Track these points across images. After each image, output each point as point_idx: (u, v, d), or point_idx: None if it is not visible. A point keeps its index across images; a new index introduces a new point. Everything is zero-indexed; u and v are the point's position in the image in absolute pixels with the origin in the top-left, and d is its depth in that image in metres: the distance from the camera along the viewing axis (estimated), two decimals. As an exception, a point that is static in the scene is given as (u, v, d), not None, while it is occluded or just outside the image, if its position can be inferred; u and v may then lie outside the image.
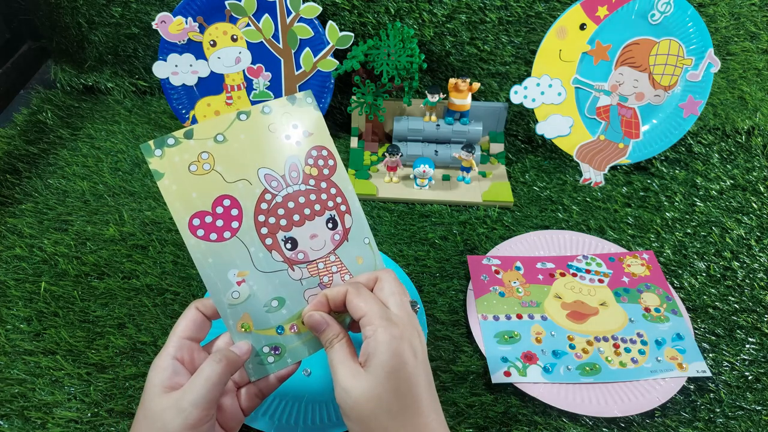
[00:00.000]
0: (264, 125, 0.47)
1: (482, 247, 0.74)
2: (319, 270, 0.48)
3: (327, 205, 0.48)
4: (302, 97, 0.49)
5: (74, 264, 0.69)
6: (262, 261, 0.46)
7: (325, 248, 0.48)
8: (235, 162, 0.46)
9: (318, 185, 0.48)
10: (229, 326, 0.45)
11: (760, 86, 0.92)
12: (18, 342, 0.61)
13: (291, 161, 0.47)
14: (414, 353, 0.42)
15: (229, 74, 0.88)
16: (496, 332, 0.63)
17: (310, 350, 0.47)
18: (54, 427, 0.53)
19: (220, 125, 0.46)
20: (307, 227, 0.47)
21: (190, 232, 0.44)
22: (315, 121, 0.49)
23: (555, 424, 0.56)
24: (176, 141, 0.45)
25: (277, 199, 0.47)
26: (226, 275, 0.45)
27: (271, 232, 0.46)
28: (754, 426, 0.56)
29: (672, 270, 0.72)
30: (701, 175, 0.87)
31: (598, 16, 0.80)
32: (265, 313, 0.46)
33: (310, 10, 0.82)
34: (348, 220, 0.49)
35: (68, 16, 0.93)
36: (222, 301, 0.45)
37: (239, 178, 0.46)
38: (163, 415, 0.40)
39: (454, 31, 0.87)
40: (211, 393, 0.41)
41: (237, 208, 0.46)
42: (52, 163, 0.85)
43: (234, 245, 0.45)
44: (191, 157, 0.45)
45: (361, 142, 0.90)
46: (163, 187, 0.44)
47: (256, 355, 0.46)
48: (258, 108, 0.47)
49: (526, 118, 0.93)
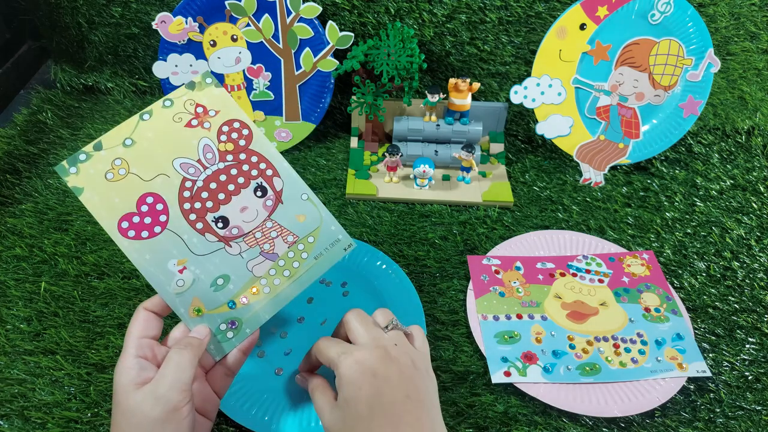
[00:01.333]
0: (168, 118, 0.49)
1: (482, 247, 0.74)
2: (257, 239, 0.49)
3: (251, 174, 0.49)
4: (200, 79, 0.50)
5: (74, 264, 0.69)
6: (198, 245, 0.47)
7: (258, 217, 0.49)
8: (149, 160, 0.47)
9: (237, 158, 0.49)
10: (182, 314, 0.46)
11: (760, 86, 0.92)
12: (18, 342, 0.61)
13: (203, 143, 0.49)
14: (373, 374, 0.43)
15: (229, 74, 0.88)
16: (496, 332, 0.63)
17: (265, 315, 0.49)
18: (54, 427, 0.53)
19: (126, 130, 0.48)
20: (234, 202, 0.49)
21: (121, 235, 0.46)
22: (220, 98, 0.50)
23: (555, 424, 0.56)
24: (87, 156, 0.47)
25: (198, 184, 0.48)
26: (166, 267, 0.46)
27: (200, 217, 0.48)
28: (754, 426, 0.56)
29: (672, 270, 0.72)
30: (701, 175, 0.87)
31: (598, 16, 0.80)
32: (213, 293, 0.47)
33: (310, 10, 0.82)
34: (278, 182, 0.50)
35: (68, 16, 0.93)
36: (168, 292, 0.46)
37: (156, 174, 0.48)
38: (142, 407, 0.40)
39: (454, 31, 0.87)
40: (184, 376, 0.42)
41: (161, 203, 0.47)
42: (52, 163, 0.85)
43: (167, 237, 0.47)
44: (105, 166, 0.47)
45: (361, 142, 0.90)
46: (86, 200, 0.46)
47: (214, 335, 0.47)
48: (158, 104, 0.49)
49: (526, 118, 0.93)
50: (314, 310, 0.64)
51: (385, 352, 0.45)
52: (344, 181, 0.84)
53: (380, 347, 0.45)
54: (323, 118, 0.90)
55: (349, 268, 0.69)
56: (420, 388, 0.44)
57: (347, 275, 0.69)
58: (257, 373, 0.58)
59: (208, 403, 0.47)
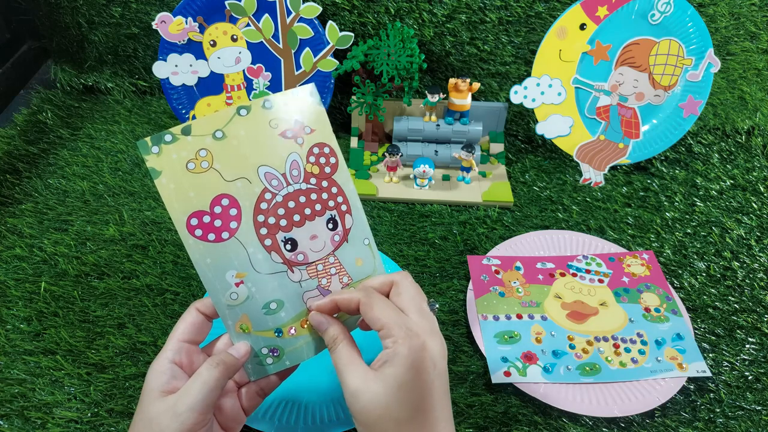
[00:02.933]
0: (265, 121, 0.45)
1: (482, 247, 0.74)
2: (318, 272, 0.47)
3: (328, 204, 0.47)
4: (305, 91, 0.47)
5: (74, 264, 0.69)
6: (261, 262, 0.45)
7: (324, 249, 0.47)
8: (235, 159, 0.44)
9: (319, 184, 0.46)
10: (228, 327, 0.45)
11: (760, 86, 0.92)
12: (18, 342, 0.61)
13: (292, 158, 0.45)
14: (433, 364, 0.41)
15: (229, 74, 0.88)
16: (496, 332, 0.63)
17: (308, 353, 0.47)
18: (54, 427, 0.53)
19: (219, 121, 0.44)
20: (307, 227, 0.46)
21: (188, 232, 0.43)
22: (318, 117, 0.47)
23: (555, 424, 0.56)
24: (174, 138, 0.43)
25: (277, 199, 0.45)
26: (224, 276, 0.44)
27: (271, 233, 0.45)
28: (754, 426, 0.56)
29: (672, 270, 0.72)
30: (701, 175, 0.87)
31: (598, 16, 0.80)
32: (263, 315, 0.45)
33: (310, 10, 0.82)
34: (348, 220, 0.48)
35: (68, 16, 0.93)
36: (221, 301, 0.44)
37: (238, 176, 0.44)
38: (160, 419, 0.39)
39: (454, 31, 0.87)
40: (208, 398, 0.40)
41: (236, 208, 0.44)
42: (52, 163, 0.85)
43: (232, 246, 0.44)
44: (189, 154, 0.43)
45: (361, 142, 0.90)
46: (161, 185, 0.43)
47: (255, 356, 0.46)
48: (259, 102, 0.45)
49: (526, 118, 0.93)
50: None
51: (442, 342, 0.42)
52: (344, 181, 0.84)
53: (437, 334, 0.42)
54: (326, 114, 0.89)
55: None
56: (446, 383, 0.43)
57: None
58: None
59: (234, 420, 0.45)
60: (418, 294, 0.44)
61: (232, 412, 0.45)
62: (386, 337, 0.41)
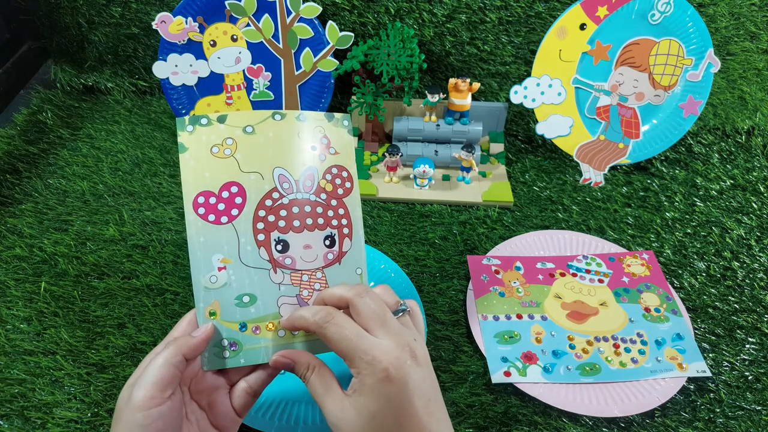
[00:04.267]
0: (295, 130, 0.48)
1: (482, 247, 0.74)
2: (301, 281, 0.48)
3: (331, 222, 0.48)
4: (340, 118, 0.50)
5: (74, 264, 0.69)
6: (249, 254, 0.46)
7: (315, 262, 0.48)
8: (255, 154, 0.47)
9: (328, 201, 0.48)
10: (199, 309, 0.46)
11: (760, 86, 0.92)
12: (18, 342, 0.61)
13: (309, 170, 0.48)
14: (404, 385, 0.39)
15: (229, 74, 0.88)
16: (496, 332, 0.63)
17: (265, 357, 0.46)
18: (54, 427, 0.53)
19: (254, 118, 0.48)
20: (304, 236, 0.48)
21: (193, 207, 0.46)
22: (345, 143, 0.50)
23: (555, 424, 0.56)
24: (209, 121, 0.47)
25: (283, 201, 0.47)
26: (210, 258, 0.46)
27: (266, 230, 0.47)
28: (754, 426, 0.56)
29: (672, 270, 0.72)
30: (701, 175, 0.87)
31: (598, 16, 0.80)
32: (234, 306, 0.46)
33: (310, 10, 0.82)
34: (347, 244, 0.49)
35: (68, 16, 0.93)
36: (199, 281, 0.46)
37: (254, 170, 0.47)
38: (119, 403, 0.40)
39: (454, 31, 0.87)
40: (157, 375, 0.40)
41: (242, 197, 0.46)
42: (52, 163, 0.85)
43: (227, 231, 0.46)
44: (217, 139, 0.47)
45: (361, 142, 0.90)
46: (183, 160, 0.46)
47: (214, 346, 0.46)
48: (294, 113, 0.49)
49: (526, 118, 0.93)
50: None
51: (412, 354, 0.41)
52: (344, 181, 0.84)
53: (405, 347, 0.41)
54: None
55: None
56: (435, 383, 0.42)
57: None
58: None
59: (225, 418, 0.45)
60: (379, 308, 0.42)
61: (223, 411, 0.45)
62: (350, 367, 0.40)
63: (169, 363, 0.41)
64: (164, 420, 0.40)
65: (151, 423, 0.39)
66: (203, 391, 0.45)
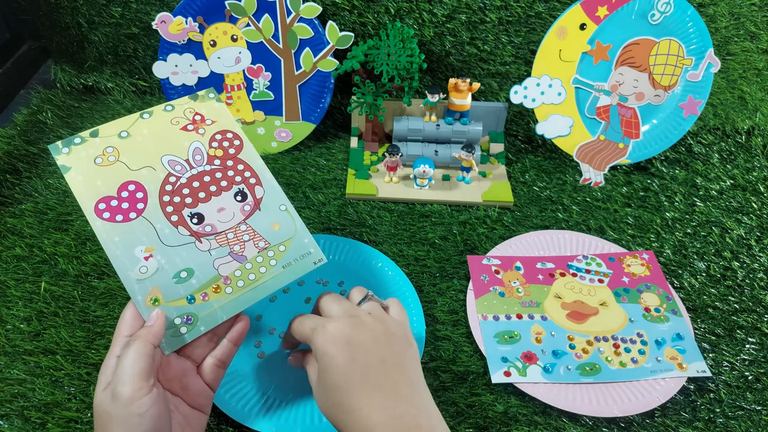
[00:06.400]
0: (166, 120, 0.53)
1: (482, 247, 0.74)
2: (228, 240, 0.50)
3: (234, 180, 0.52)
4: (204, 93, 0.55)
5: (74, 264, 0.69)
6: (169, 236, 0.49)
7: (234, 219, 0.51)
8: (139, 153, 0.51)
9: (224, 164, 0.53)
10: (138, 302, 0.46)
11: (760, 86, 0.92)
12: (18, 342, 0.61)
13: (195, 146, 0.52)
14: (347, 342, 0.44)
15: (229, 74, 0.88)
16: (496, 332, 0.63)
17: (223, 315, 0.48)
18: (54, 427, 0.53)
19: (124, 124, 0.52)
20: (213, 202, 0.51)
21: (96, 215, 0.48)
22: (218, 111, 0.55)
23: (555, 424, 0.56)
24: (82, 140, 0.50)
25: (181, 180, 0.51)
26: (132, 252, 0.47)
27: (177, 210, 0.50)
28: (754, 426, 0.56)
29: (672, 270, 0.72)
30: (701, 175, 0.87)
31: (598, 16, 0.80)
32: (174, 285, 0.48)
33: (310, 10, 0.82)
34: (259, 191, 0.53)
35: (68, 16, 0.93)
36: (129, 277, 0.47)
37: (143, 165, 0.50)
38: (104, 406, 0.41)
39: (454, 31, 0.87)
40: (136, 367, 0.41)
41: (142, 191, 0.50)
42: (52, 163, 0.85)
43: (140, 224, 0.48)
44: (96, 151, 0.50)
45: (361, 142, 0.90)
46: (70, 178, 0.49)
47: (168, 328, 0.46)
48: (160, 107, 0.53)
49: (526, 118, 0.93)
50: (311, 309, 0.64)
51: (359, 320, 0.45)
52: (344, 181, 0.84)
53: (353, 316, 0.46)
54: (323, 118, 0.90)
55: (347, 268, 0.69)
56: (397, 352, 0.44)
57: (345, 275, 0.69)
58: (258, 373, 0.58)
59: (201, 396, 0.47)
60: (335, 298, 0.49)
61: (197, 389, 0.47)
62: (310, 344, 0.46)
63: (143, 354, 0.42)
64: (157, 406, 0.41)
65: (146, 411, 0.40)
66: (173, 378, 0.46)
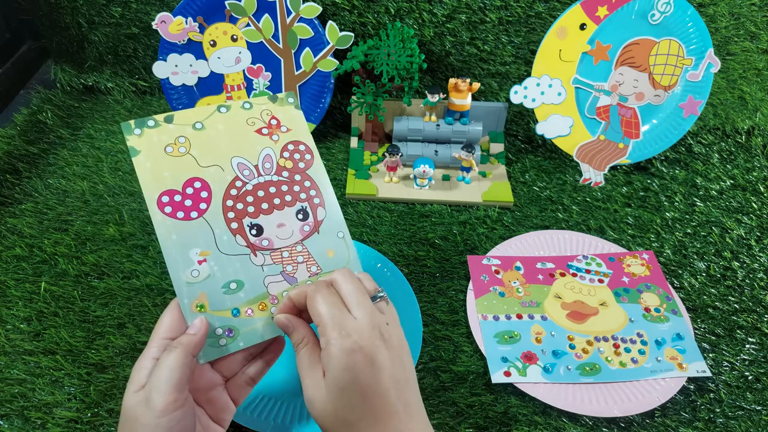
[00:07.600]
0: (243, 118, 0.50)
1: (482, 247, 0.74)
2: (282, 258, 0.49)
3: (299, 196, 0.50)
4: (284, 96, 0.52)
5: (74, 264, 0.69)
6: (226, 243, 0.47)
7: (291, 238, 0.49)
8: (211, 148, 0.49)
9: (291, 177, 0.50)
10: (184, 305, 0.45)
11: (760, 86, 0.92)
12: (18, 342, 0.61)
13: (266, 152, 0.50)
14: (371, 363, 0.41)
15: (229, 74, 0.88)
16: (496, 332, 0.63)
17: (264, 335, 0.47)
18: (54, 427, 0.53)
19: (200, 115, 0.49)
20: (275, 216, 0.49)
21: (158, 208, 0.46)
22: (295, 119, 0.52)
23: (555, 424, 0.56)
24: (156, 123, 0.48)
25: (247, 187, 0.49)
26: (187, 253, 0.46)
27: (238, 217, 0.48)
28: (754, 426, 0.56)
29: (672, 270, 0.72)
30: (701, 175, 0.87)
31: (598, 16, 0.80)
32: (222, 295, 0.47)
33: (310, 10, 0.82)
34: (321, 212, 0.51)
35: (68, 16, 0.93)
36: (180, 278, 0.46)
37: (212, 163, 0.48)
38: (135, 411, 0.40)
39: (454, 31, 0.87)
40: (174, 378, 0.41)
41: (207, 191, 0.48)
42: (52, 163, 0.85)
43: (199, 225, 0.47)
44: (168, 139, 0.48)
45: (361, 142, 0.90)
46: (138, 163, 0.46)
47: (209, 337, 0.46)
48: (238, 103, 0.50)
49: (526, 118, 0.93)
50: None
51: (380, 335, 0.42)
52: (344, 181, 0.84)
53: (376, 327, 0.42)
54: (323, 118, 0.90)
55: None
56: (406, 367, 0.44)
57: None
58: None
59: (224, 412, 0.46)
60: (357, 290, 0.44)
61: (221, 405, 0.46)
62: (321, 335, 0.42)
63: (182, 365, 0.41)
64: (186, 420, 0.41)
65: (176, 425, 0.40)
66: (201, 389, 0.46)
